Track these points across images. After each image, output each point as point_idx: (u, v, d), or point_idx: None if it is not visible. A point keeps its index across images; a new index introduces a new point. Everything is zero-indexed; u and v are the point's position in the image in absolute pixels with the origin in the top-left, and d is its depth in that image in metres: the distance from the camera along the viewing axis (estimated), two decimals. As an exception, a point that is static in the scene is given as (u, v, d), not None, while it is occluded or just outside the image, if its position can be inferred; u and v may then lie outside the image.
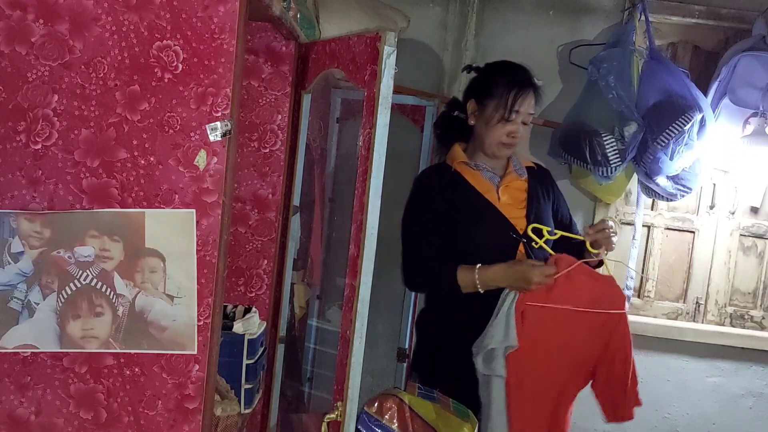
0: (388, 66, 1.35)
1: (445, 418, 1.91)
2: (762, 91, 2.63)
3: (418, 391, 2.00)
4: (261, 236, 1.93)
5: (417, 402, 1.93)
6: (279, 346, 2.07)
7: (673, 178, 2.69)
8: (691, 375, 3.18)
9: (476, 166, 2.20)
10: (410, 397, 1.93)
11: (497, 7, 3.06)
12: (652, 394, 3.20)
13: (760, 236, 3.13)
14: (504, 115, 2.12)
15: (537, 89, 2.18)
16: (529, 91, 2.16)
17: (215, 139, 1.22)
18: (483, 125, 2.17)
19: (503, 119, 2.12)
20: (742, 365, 3.16)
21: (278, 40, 1.88)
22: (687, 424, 3.20)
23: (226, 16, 1.20)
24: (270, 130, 1.91)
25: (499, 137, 2.15)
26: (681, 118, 2.56)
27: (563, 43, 3.04)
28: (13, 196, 1.23)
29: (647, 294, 3.18)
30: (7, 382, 1.27)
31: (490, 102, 2.15)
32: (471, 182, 2.18)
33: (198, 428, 1.27)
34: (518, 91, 2.13)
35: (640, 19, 2.79)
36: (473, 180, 2.19)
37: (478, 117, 2.18)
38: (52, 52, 1.21)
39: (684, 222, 3.15)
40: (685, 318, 3.18)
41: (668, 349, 3.16)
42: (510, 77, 2.16)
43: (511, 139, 2.16)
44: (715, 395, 3.18)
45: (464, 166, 2.20)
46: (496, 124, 2.14)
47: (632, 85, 2.67)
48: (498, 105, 2.13)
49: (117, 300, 1.25)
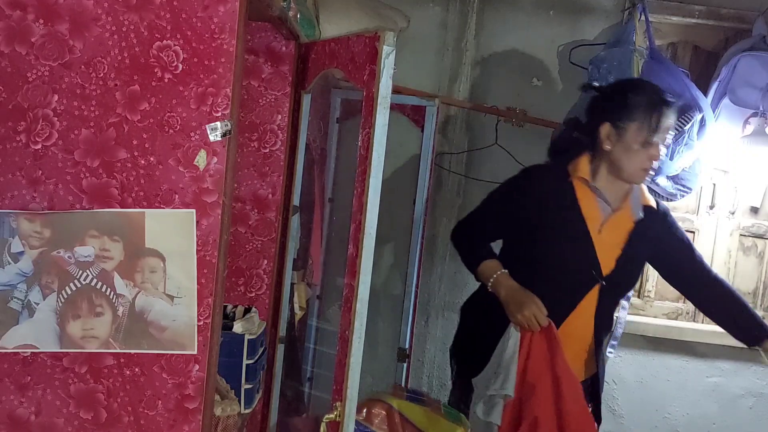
0: (387, 66, 1.35)
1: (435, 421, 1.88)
2: (762, 91, 2.63)
3: (407, 395, 1.97)
4: (261, 236, 1.93)
5: (406, 406, 1.90)
6: (279, 346, 2.07)
7: (673, 178, 2.69)
8: (691, 375, 3.18)
9: (595, 189, 2.07)
10: (399, 402, 1.90)
11: (497, 7, 3.06)
12: (652, 394, 3.20)
13: (760, 236, 3.13)
14: (647, 138, 1.99)
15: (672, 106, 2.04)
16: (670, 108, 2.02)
17: (215, 139, 1.22)
18: (622, 150, 2.02)
19: (647, 143, 1.99)
20: (742, 365, 3.16)
21: (278, 40, 1.88)
22: (687, 424, 3.20)
23: (226, 16, 1.20)
24: (270, 130, 1.91)
25: (642, 163, 2.02)
26: (681, 118, 2.55)
27: (563, 43, 3.04)
28: (13, 196, 1.23)
29: (647, 294, 3.18)
30: (7, 382, 1.27)
31: (630, 125, 2.00)
32: (580, 202, 2.06)
33: (198, 428, 1.27)
34: (661, 110, 2.00)
35: (640, 19, 2.79)
36: (584, 201, 2.07)
37: (615, 142, 2.02)
38: (52, 52, 1.21)
39: (684, 222, 3.14)
40: (685, 318, 3.18)
41: (668, 349, 3.16)
42: (650, 98, 2.02)
43: (653, 163, 2.02)
44: (715, 395, 3.18)
45: (582, 183, 2.08)
46: (639, 149, 2.00)
47: (632, 85, 2.67)
48: (641, 128, 1.99)
49: (117, 300, 1.25)
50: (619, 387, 3.21)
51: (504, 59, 3.07)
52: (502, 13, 3.06)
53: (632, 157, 2.01)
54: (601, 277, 2.03)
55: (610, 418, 3.23)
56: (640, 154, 2.00)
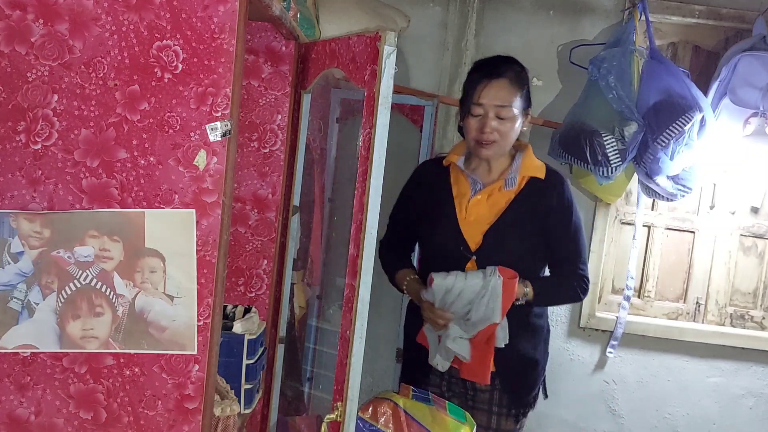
0: (388, 66, 1.35)
1: (441, 421, 1.90)
2: (762, 90, 2.63)
3: (413, 394, 1.99)
4: (261, 236, 1.92)
5: (412, 405, 1.92)
6: (279, 346, 2.07)
7: (673, 178, 2.69)
8: (691, 375, 3.18)
9: (463, 167, 2.10)
10: (405, 401, 1.92)
11: (497, 7, 3.06)
12: (652, 394, 3.20)
13: (760, 236, 3.13)
14: (470, 109, 2.00)
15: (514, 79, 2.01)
16: (495, 80, 1.99)
17: (215, 139, 1.22)
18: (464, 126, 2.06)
19: (469, 113, 2.00)
20: (743, 365, 3.16)
21: (278, 40, 1.88)
22: (687, 425, 3.20)
23: (226, 16, 1.20)
24: (270, 130, 1.91)
25: (472, 133, 2.02)
26: (681, 118, 2.55)
27: (563, 43, 3.04)
28: (12, 196, 1.23)
29: (647, 294, 3.18)
30: (7, 382, 1.27)
31: (464, 98, 2.04)
32: (453, 185, 2.11)
33: (198, 428, 1.27)
34: (481, 80, 1.99)
35: (641, 18, 2.79)
36: (455, 182, 2.12)
37: (461, 118, 2.08)
38: (52, 52, 1.21)
39: (684, 222, 3.15)
40: (686, 318, 3.18)
41: (668, 350, 3.16)
42: (478, 70, 2.04)
43: (482, 134, 2.00)
44: (716, 395, 3.18)
45: (455, 165, 2.12)
46: (467, 120, 2.02)
47: (632, 85, 2.67)
48: (466, 98, 2.02)
49: (117, 300, 1.25)
50: (619, 387, 3.21)
51: (504, 59, 3.07)
52: (502, 13, 3.06)
53: (466, 129, 2.05)
54: (469, 252, 2.05)
55: (610, 418, 3.23)
56: (469, 124, 2.02)
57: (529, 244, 2.08)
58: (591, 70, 2.72)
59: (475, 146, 2.04)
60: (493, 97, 1.98)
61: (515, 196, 2.07)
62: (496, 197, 2.08)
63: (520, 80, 2.03)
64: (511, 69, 2.03)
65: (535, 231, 2.08)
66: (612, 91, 2.63)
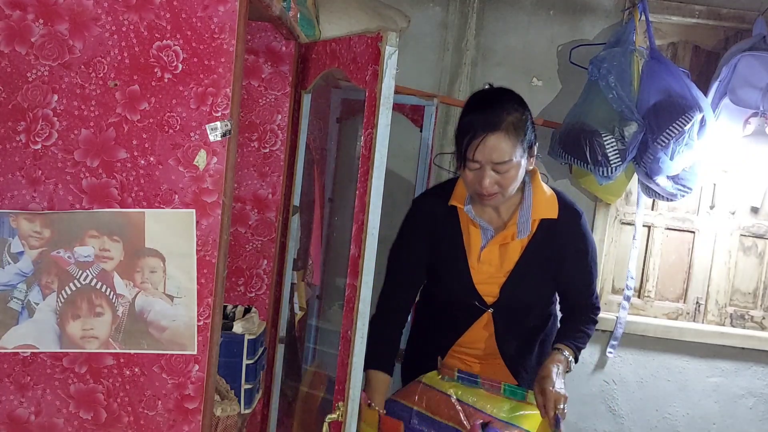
0: (390, 66, 1.35)
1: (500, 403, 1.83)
2: (762, 91, 2.63)
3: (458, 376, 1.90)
4: (261, 236, 1.92)
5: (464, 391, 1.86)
6: (279, 346, 2.07)
7: (673, 178, 2.69)
8: (691, 375, 3.18)
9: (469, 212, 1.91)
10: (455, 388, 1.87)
11: (497, 7, 3.06)
12: (652, 394, 3.20)
13: (761, 236, 3.13)
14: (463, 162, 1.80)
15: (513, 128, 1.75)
16: (492, 134, 1.74)
17: (215, 139, 1.22)
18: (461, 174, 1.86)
19: (464, 166, 1.80)
20: (743, 365, 3.16)
21: (278, 40, 1.87)
22: (687, 425, 3.20)
23: (226, 16, 1.20)
24: (270, 130, 1.90)
25: (470, 187, 1.84)
26: (681, 118, 2.56)
27: (563, 43, 3.04)
28: (12, 196, 1.23)
29: (647, 294, 3.18)
30: (7, 382, 1.27)
31: (458, 145, 1.82)
32: (463, 229, 1.94)
33: (198, 428, 1.27)
34: (476, 135, 1.75)
35: (641, 19, 2.79)
36: (465, 227, 1.94)
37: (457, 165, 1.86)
38: (51, 52, 1.21)
39: (684, 222, 3.15)
40: (686, 318, 3.18)
41: (668, 350, 3.17)
42: (473, 112, 1.80)
43: (481, 188, 1.79)
44: (716, 395, 3.19)
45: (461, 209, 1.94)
46: (464, 171, 1.81)
47: (632, 85, 2.67)
48: (460, 148, 1.81)
49: (117, 300, 1.25)
50: (619, 387, 3.21)
51: (504, 59, 3.07)
52: (502, 13, 3.06)
53: (465, 181, 1.85)
54: (485, 305, 1.95)
55: (610, 418, 3.23)
56: (466, 176, 1.82)
57: (545, 291, 2.01)
58: (591, 70, 2.72)
59: (475, 197, 1.86)
60: (489, 154, 1.75)
61: (528, 242, 1.92)
62: (509, 246, 1.93)
63: (520, 126, 1.78)
64: (510, 114, 1.77)
65: (550, 275, 1.98)
66: (612, 91, 2.63)
